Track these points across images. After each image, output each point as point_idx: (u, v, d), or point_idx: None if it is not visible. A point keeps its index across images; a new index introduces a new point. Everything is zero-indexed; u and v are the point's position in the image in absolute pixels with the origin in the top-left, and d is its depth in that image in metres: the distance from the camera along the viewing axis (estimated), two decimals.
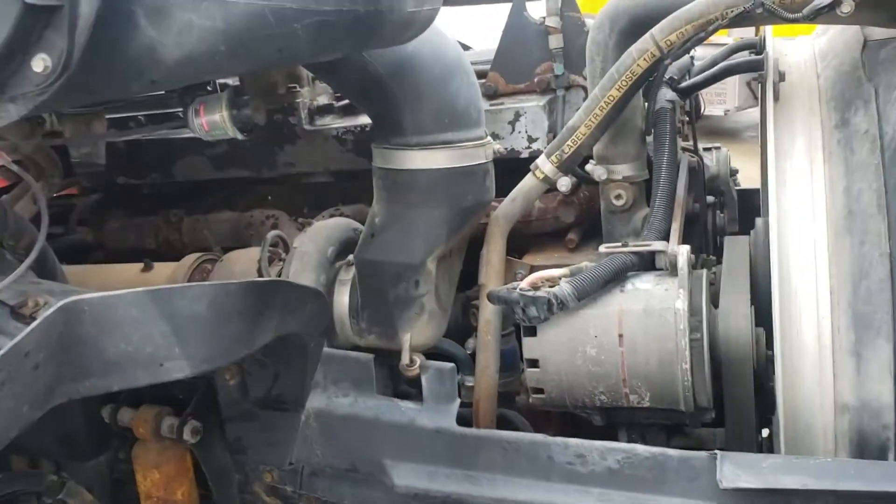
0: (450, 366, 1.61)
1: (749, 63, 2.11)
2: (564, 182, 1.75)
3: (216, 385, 1.58)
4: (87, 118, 1.66)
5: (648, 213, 1.76)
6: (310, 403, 1.60)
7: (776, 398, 1.47)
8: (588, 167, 1.83)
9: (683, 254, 1.56)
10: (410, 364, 1.62)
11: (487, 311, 1.74)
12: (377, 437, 1.58)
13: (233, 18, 1.11)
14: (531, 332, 1.59)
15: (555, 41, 2.07)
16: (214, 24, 1.11)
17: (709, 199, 2.39)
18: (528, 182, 1.77)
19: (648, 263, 1.64)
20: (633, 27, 1.67)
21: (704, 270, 1.66)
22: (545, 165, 1.73)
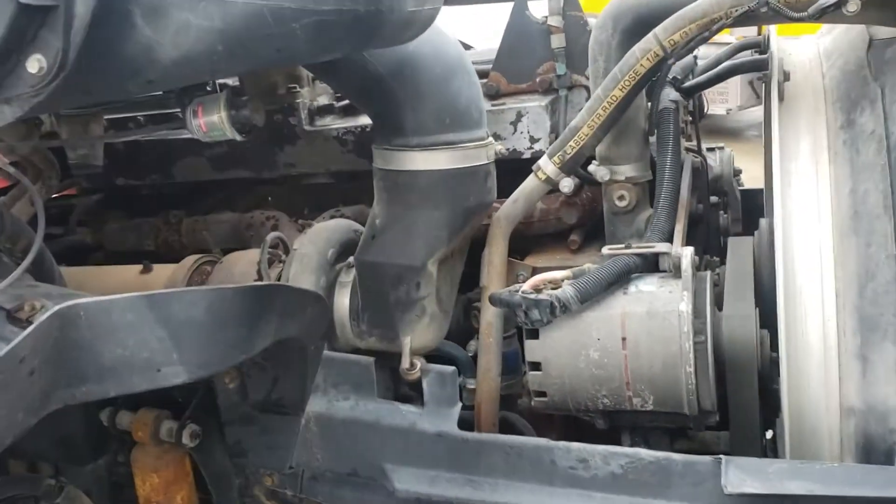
0: (451, 369, 1.59)
1: (753, 62, 2.10)
2: (567, 183, 1.74)
3: (215, 388, 1.57)
4: (85, 119, 1.65)
5: (652, 215, 1.74)
6: (310, 407, 1.59)
7: (781, 401, 1.46)
8: (591, 168, 1.82)
9: (687, 256, 1.54)
10: (411, 368, 1.61)
11: (489, 314, 1.73)
12: (378, 441, 1.57)
13: (231, 18, 1.09)
14: (533, 335, 1.58)
15: (557, 40, 2.05)
16: (212, 24, 1.09)
17: (712, 200, 2.37)
18: (530, 183, 1.76)
19: (652, 265, 1.62)
20: (637, 26, 1.65)
21: (708, 272, 1.65)
22: (547, 166, 1.72)
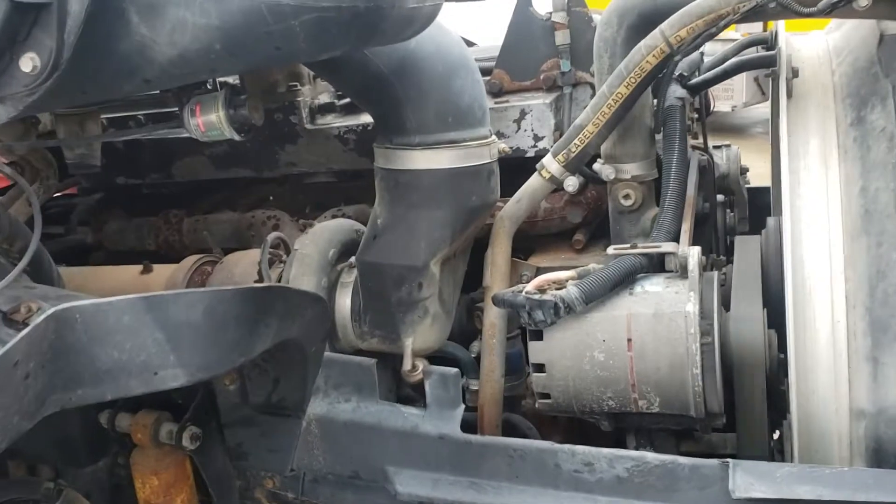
0: (453, 371, 1.57)
1: (761, 59, 2.07)
2: (571, 182, 1.72)
3: (216, 390, 1.55)
4: (81, 118, 1.63)
5: (658, 214, 1.72)
6: (311, 409, 1.57)
7: (789, 403, 1.44)
8: (596, 166, 1.80)
9: (694, 256, 1.52)
10: (413, 369, 1.59)
11: (492, 314, 1.71)
12: (380, 444, 1.55)
13: (228, 16, 1.08)
14: (537, 336, 1.56)
15: (561, 37, 2.03)
16: (209, 22, 1.08)
17: (719, 198, 2.35)
18: (534, 182, 1.74)
19: (658, 265, 1.60)
20: (642, 23, 1.63)
21: (715, 272, 1.62)
22: (551, 165, 1.70)
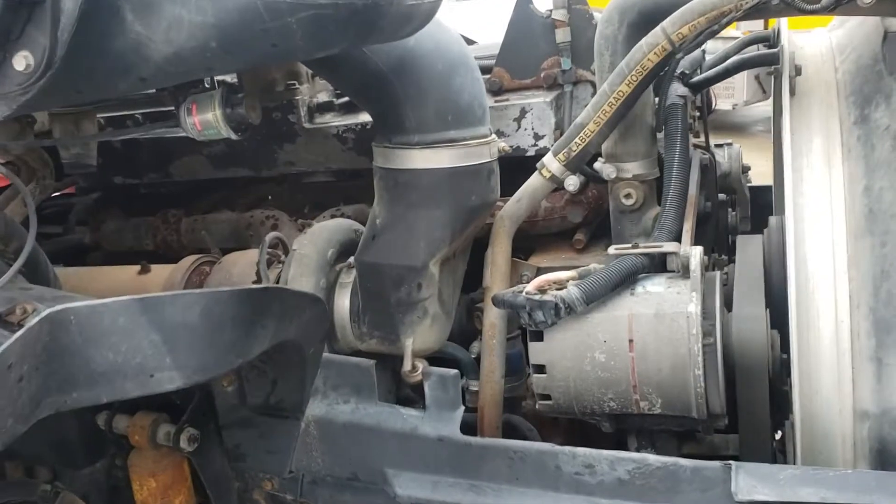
0: (453, 372, 1.56)
1: (763, 57, 2.06)
2: (572, 181, 1.70)
3: (214, 391, 1.54)
4: (77, 118, 1.62)
5: (659, 213, 1.70)
6: (310, 410, 1.56)
7: (792, 404, 1.43)
8: (596, 165, 1.79)
9: (696, 255, 1.51)
10: (412, 370, 1.58)
11: (492, 315, 1.70)
12: (379, 445, 1.54)
13: (224, 13, 1.07)
14: (538, 337, 1.55)
15: (562, 35, 2.02)
16: (205, 19, 1.07)
17: (720, 197, 2.33)
18: (535, 181, 1.73)
19: (659, 265, 1.59)
20: (644, 20, 1.62)
21: (717, 272, 1.61)
22: (552, 164, 1.69)
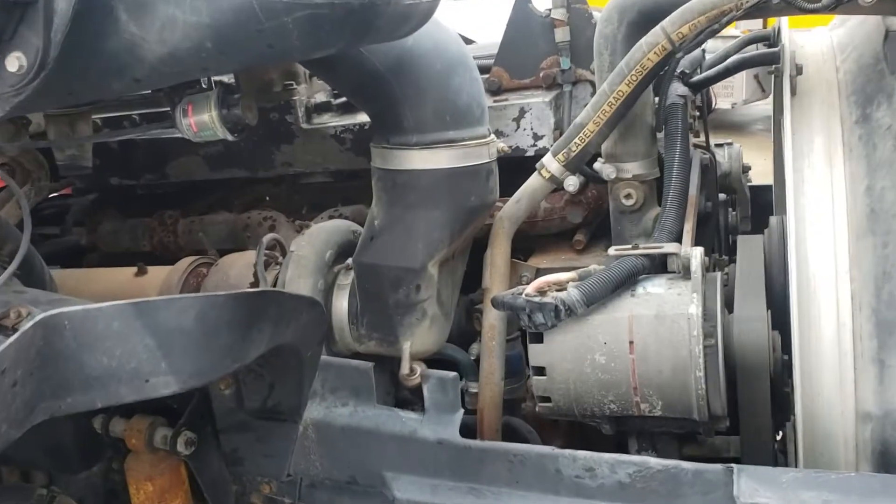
0: (452, 375, 1.55)
1: (763, 56, 2.05)
2: (572, 181, 1.70)
3: (211, 395, 1.53)
4: (72, 119, 1.60)
5: (660, 214, 1.70)
6: (308, 413, 1.55)
7: (794, 406, 1.42)
8: (596, 165, 1.78)
9: (697, 256, 1.50)
10: (411, 373, 1.57)
11: (492, 316, 1.69)
12: (377, 449, 1.53)
13: (219, 13, 1.05)
14: (537, 339, 1.54)
15: (561, 34, 2.01)
16: (200, 20, 1.05)
17: (721, 197, 2.32)
18: (534, 181, 1.72)
19: (660, 266, 1.58)
20: (643, 19, 1.61)
21: (718, 273, 1.60)
22: (551, 164, 1.68)
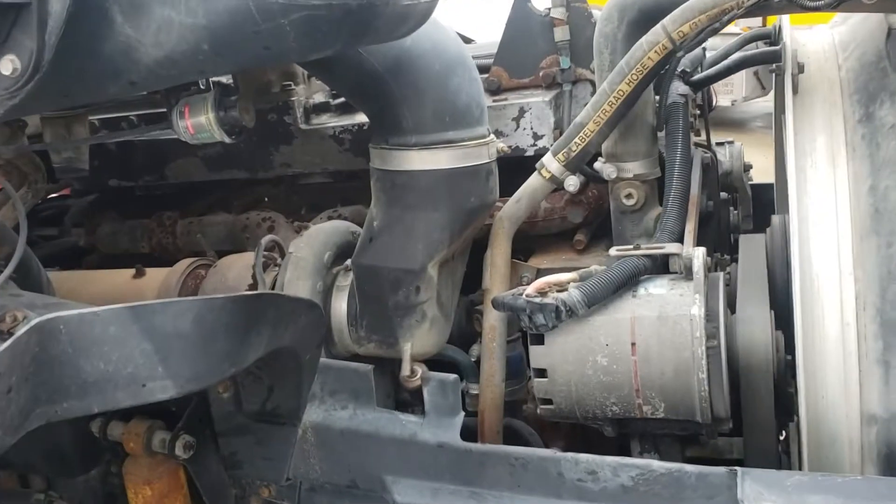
0: (453, 377, 1.53)
1: (765, 54, 2.03)
2: (572, 181, 1.68)
3: (209, 398, 1.52)
4: (68, 121, 1.59)
5: (661, 213, 1.68)
6: (307, 416, 1.54)
7: (798, 408, 1.40)
8: (597, 165, 1.77)
9: (699, 257, 1.48)
10: (411, 375, 1.55)
11: (492, 317, 1.68)
12: (377, 452, 1.52)
13: (215, 15, 1.04)
14: (538, 340, 1.52)
15: (560, 33, 1.99)
16: (196, 21, 1.04)
17: (722, 196, 2.31)
18: (534, 181, 1.71)
19: (662, 267, 1.57)
20: (644, 18, 1.60)
21: (720, 274, 1.59)
22: (551, 164, 1.67)
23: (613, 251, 1.60)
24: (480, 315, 1.75)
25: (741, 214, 2.45)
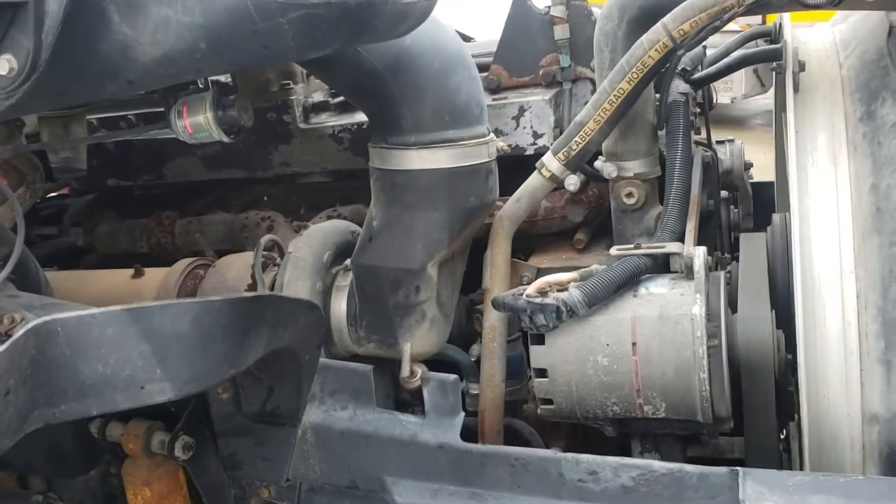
0: (453, 377, 1.53)
1: (765, 52, 2.02)
2: (572, 180, 1.68)
3: (209, 399, 1.51)
4: (65, 121, 1.58)
5: (662, 212, 1.68)
6: (307, 417, 1.53)
7: (799, 407, 1.40)
8: (597, 164, 1.76)
9: (700, 256, 1.48)
10: (411, 375, 1.55)
11: (492, 317, 1.67)
12: (377, 453, 1.51)
13: (213, 14, 1.03)
14: (539, 340, 1.52)
15: (560, 31, 1.99)
16: (194, 20, 1.03)
17: (722, 195, 2.30)
18: (534, 180, 1.70)
19: (662, 266, 1.56)
20: (644, 16, 1.59)
21: (721, 273, 1.58)
22: (552, 163, 1.66)
23: (614, 250, 1.59)
24: (480, 315, 1.75)
25: (742, 213, 2.44)
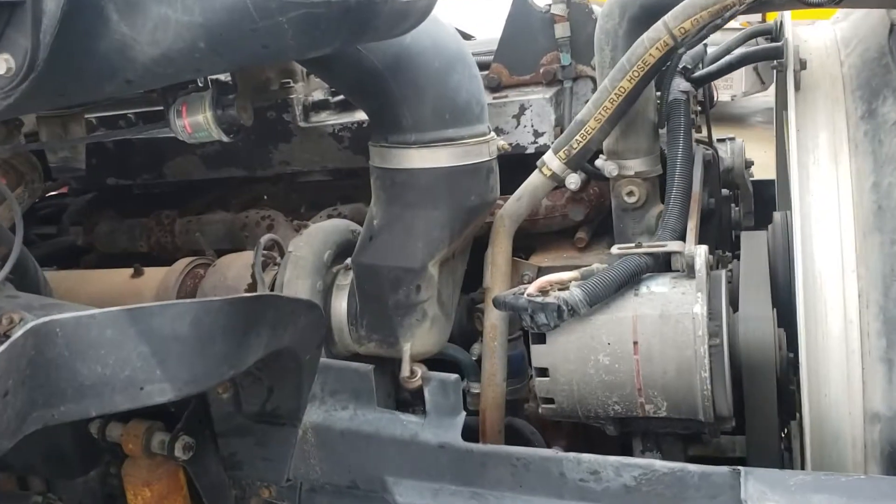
0: (453, 377, 1.52)
1: (766, 51, 2.02)
2: (573, 179, 1.67)
3: (209, 399, 1.51)
4: (64, 120, 1.58)
5: (663, 211, 1.68)
6: (307, 417, 1.53)
7: (801, 406, 1.40)
8: (598, 163, 1.76)
9: (701, 255, 1.47)
10: (412, 375, 1.54)
11: (493, 316, 1.67)
12: (378, 453, 1.51)
13: (212, 13, 1.03)
14: (540, 340, 1.52)
15: (561, 30, 1.98)
16: (193, 19, 1.03)
17: (724, 193, 2.30)
18: (535, 179, 1.70)
19: (664, 265, 1.56)
20: (645, 14, 1.59)
21: (723, 271, 1.58)
22: (552, 162, 1.66)
23: (615, 249, 1.59)
24: (481, 314, 1.75)
25: (742, 211, 2.44)
